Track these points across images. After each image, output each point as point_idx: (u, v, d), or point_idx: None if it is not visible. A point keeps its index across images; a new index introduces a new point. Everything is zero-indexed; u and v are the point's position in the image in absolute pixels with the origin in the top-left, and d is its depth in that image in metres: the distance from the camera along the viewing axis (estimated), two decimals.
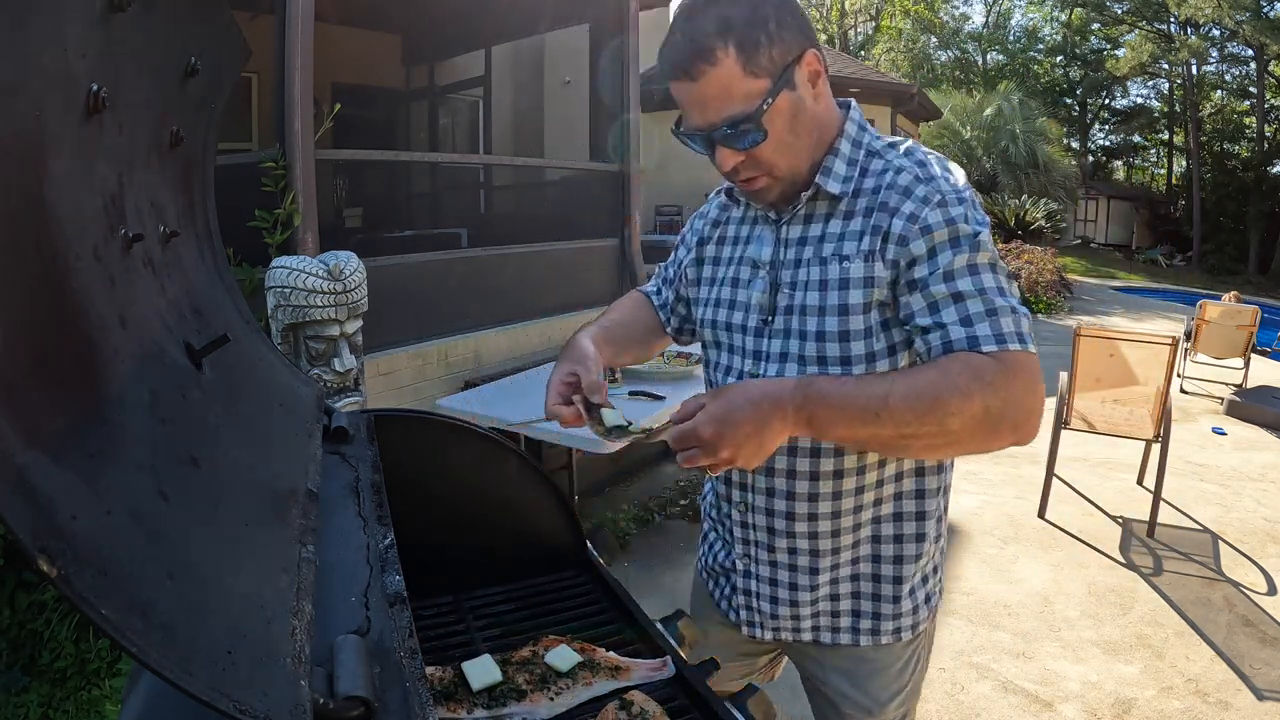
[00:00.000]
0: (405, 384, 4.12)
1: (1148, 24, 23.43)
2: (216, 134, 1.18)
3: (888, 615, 1.16)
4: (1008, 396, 0.92)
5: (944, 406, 0.90)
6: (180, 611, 0.46)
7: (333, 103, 3.81)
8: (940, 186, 1.02)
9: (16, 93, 0.48)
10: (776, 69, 0.99)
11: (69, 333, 0.53)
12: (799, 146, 1.05)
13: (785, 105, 1.00)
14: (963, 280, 0.97)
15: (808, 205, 1.10)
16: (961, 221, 0.99)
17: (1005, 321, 0.95)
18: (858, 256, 1.04)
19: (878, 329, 1.04)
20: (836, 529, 1.13)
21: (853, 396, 0.94)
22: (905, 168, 1.05)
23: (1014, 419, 0.92)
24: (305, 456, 0.93)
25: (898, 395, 0.92)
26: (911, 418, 0.91)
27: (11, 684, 2.37)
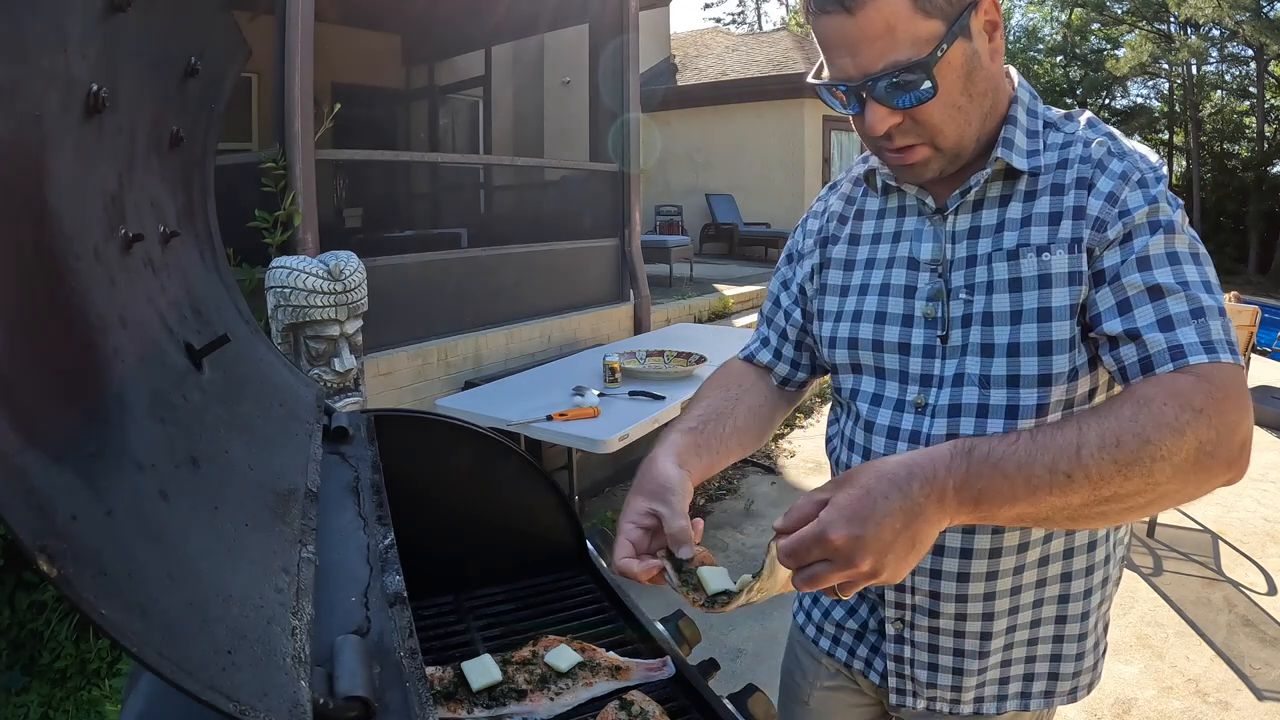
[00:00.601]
0: (405, 384, 4.12)
1: (1148, 24, 23.43)
2: (216, 134, 1.18)
3: (1067, 675, 0.99)
4: (1223, 425, 0.72)
5: (1152, 451, 0.70)
6: (180, 611, 0.46)
7: (333, 103, 3.81)
8: (1138, 163, 0.84)
9: (16, 93, 0.48)
10: (953, 10, 0.79)
11: (69, 333, 0.53)
12: (971, 111, 0.85)
13: (959, 57, 0.81)
14: (1161, 270, 0.79)
15: (983, 188, 0.89)
16: (1164, 202, 0.82)
17: (1215, 326, 0.77)
18: (1059, 246, 0.84)
19: (1079, 337, 0.85)
20: (1017, 585, 0.94)
21: (1031, 456, 0.71)
22: (1094, 139, 0.87)
23: (1228, 454, 0.73)
24: (305, 456, 0.93)
25: (1091, 445, 0.70)
26: (1113, 472, 0.69)
27: (11, 684, 2.37)
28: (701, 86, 11.93)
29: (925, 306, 0.92)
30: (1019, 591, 0.94)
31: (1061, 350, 0.84)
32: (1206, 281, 0.80)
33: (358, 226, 5.22)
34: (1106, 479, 0.70)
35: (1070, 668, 0.98)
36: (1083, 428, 0.71)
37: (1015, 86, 0.92)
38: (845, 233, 1.04)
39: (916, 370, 0.93)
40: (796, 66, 11.35)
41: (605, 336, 5.55)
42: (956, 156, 0.88)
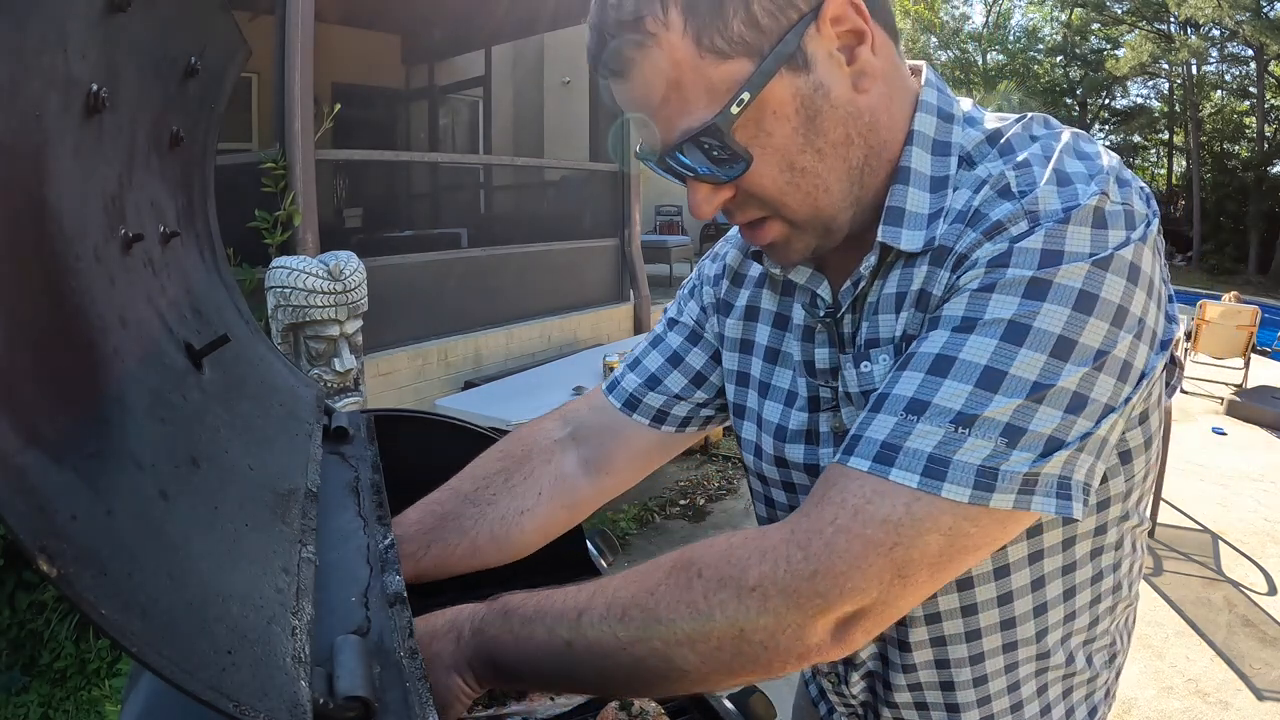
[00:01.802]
0: (405, 384, 4.12)
1: (1148, 24, 23.43)
2: (217, 134, 1.18)
3: None
4: (775, 617, 0.53)
5: (663, 630, 0.55)
6: (180, 611, 0.46)
7: (333, 103, 3.81)
8: (1037, 202, 0.54)
9: (16, 93, 0.48)
10: (765, 39, 0.56)
11: (69, 333, 0.53)
12: (824, 170, 0.60)
13: (786, 98, 0.57)
14: (951, 340, 0.54)
15: (875, 276, 0.64)
16: (1025, 265, 0.53)
17: (933, 430, 0.53)
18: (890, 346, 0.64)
19: None
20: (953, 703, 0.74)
21: (540, 614, 0.61)
22: (991, 176, 0.59)
23: (795, 650, 0.54)
24: (305, 456, 0.93)
25: (597, 613, 0.58)
26: (614, 646, 0.57)
27: (11, 684, 2.37)
28: None
29: (833, 419, 0.70)
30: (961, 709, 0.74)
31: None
32: (1025, 368, 0.52)
33: (358, 226, 5.23)
34: (610, 654, 0.56)
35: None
36: (597, 592, 0.59)
37: (917, 108, 0.63)
38: (742, 301, 0.79)
39: (805, 483, 0.73)
40: None
41: (605, 336, 5.55)
42: (827, 231, 0.63)
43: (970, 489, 0.51)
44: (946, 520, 0.52)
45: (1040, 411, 0.52)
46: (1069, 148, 0.58)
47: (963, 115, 0.64)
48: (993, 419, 0.52)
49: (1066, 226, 0.53)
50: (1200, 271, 21.47)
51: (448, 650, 0.64)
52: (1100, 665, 0.77)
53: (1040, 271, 0.52)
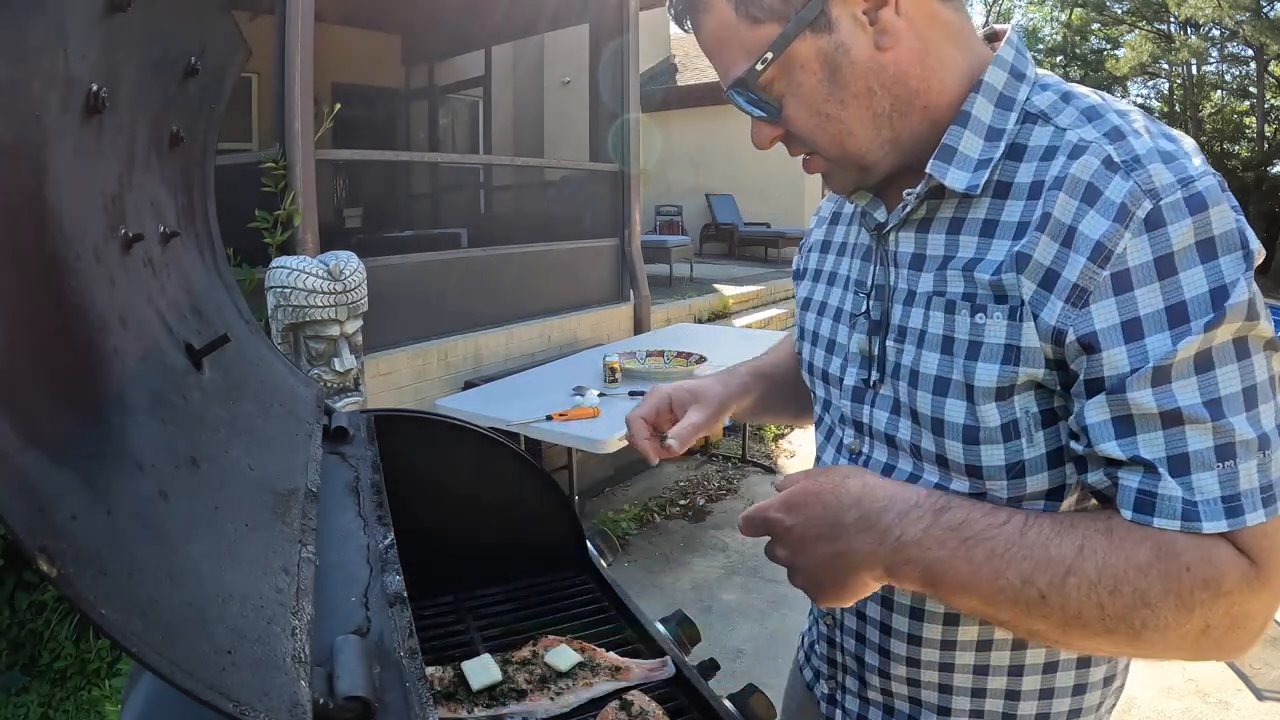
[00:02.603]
0: (405, 384, 4.13)
1: (1148, 24, 23.44)
2: (217, 134, 1.18)
3: None
4: (1243, 614, 0.57)
5: (1150, 614, 0.57)
6: (180, 611, 0.46)
7: (333, 103, 3.81)
8: (1154, 179, 0.58)
9: (16, 93, 0.48)
10: (791, 5, 0.66)
11: (69, 333, 0.53)
12: (849, 118, 0.69)
13: (810, 57, 0.67)
14: (1184, 387, 0.57)
15: (923, 206, 0.72)
16: (1193, 266, 0.57)
17: (1247, 470, 0.57)
18: (1000, 307, 0.64)
19: (1031, 425, 0.65)
20: (947, 684, 0.77)
21: (1008, 555, 0.59)
22: (1089, 143, 0.62)
23: (1237, 641, 0.59)
24: (305, 456, 0.93)
25: (1086, 576, 0.58)
26: (1094, 614, 0.58)
27: (11, 684, 2.37)
28: (701, 87, 11.93)
29: (860, 340, 0.78)
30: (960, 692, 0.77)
31: (992, 440, 0.66)
32: (1251, 389, 0.57)
33: (358, 226, 5.23)
34: (1083, 616, 0.58)
35: None
36: (1084, 550, 0.58)
37: (991, 65, 0.68)
38: (820, 239, 0.92)
39: (848, 413, 0.80)
40: None
41: (605, 336, 5.55)
42: (862, 168, 0.72)
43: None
44: None
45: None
46: (1150, 125, 0.63)
47: (1036, 77, 0.69)
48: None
49: (1207, 210, 0.57)
50: None
51: (863, 546, 0.63)
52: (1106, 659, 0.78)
53: (1233, 274, 0.57)
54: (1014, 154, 0.67)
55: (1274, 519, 0.58)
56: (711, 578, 3.40)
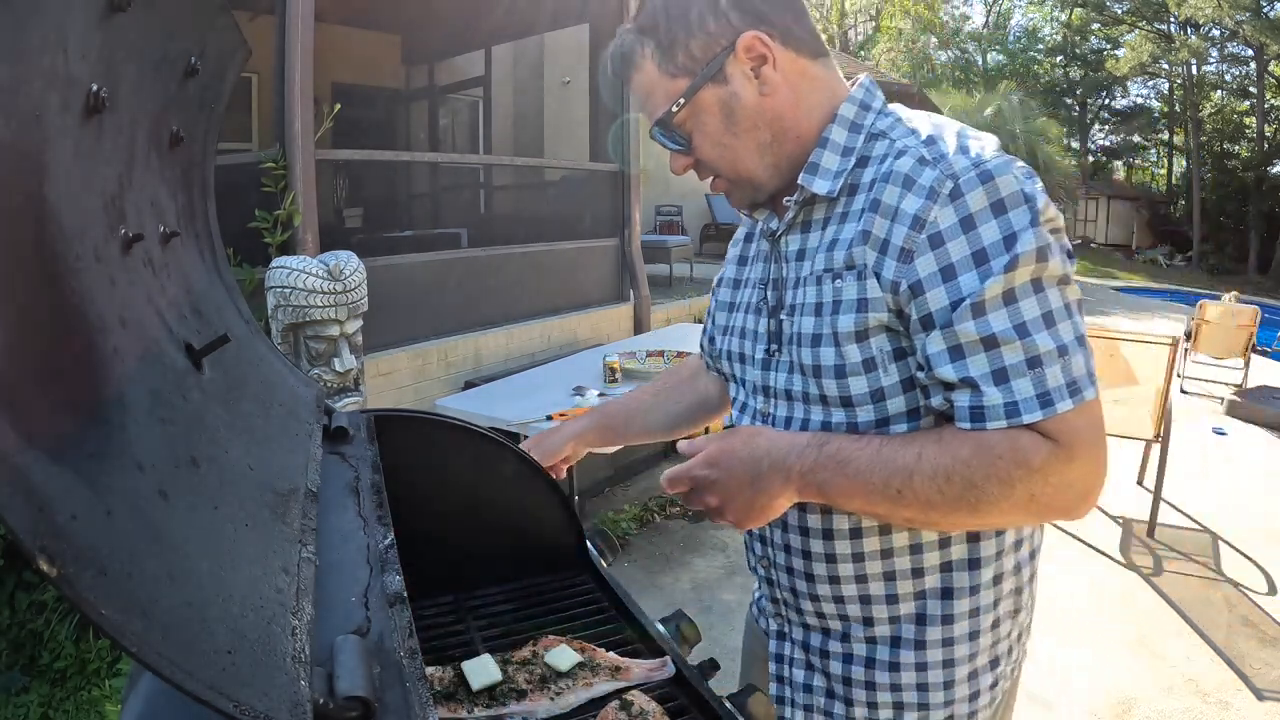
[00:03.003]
0: (405, 384, 4.13)
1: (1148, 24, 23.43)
2: (217, 134, 1.18)
3: (937, 705, 0.96)
4: (1060, 481, 0.76)
5: (978, 493, 0.76)
6: (180, 611, 0.46)
7: (333, 103, 3.81)
8: (953, 166, 0.79)
9: (16, 93, 0.48)
10: (698, 64, 0.88)
11: (69, 333, 0.53)
12: (740, 147, 0.91)
13: (712, 102, 0.89)
14: (997, 316, 0.76)
15: (801, 211, 0.93)
16: (987, 222, 0.77)
17: (1052, 372, 0.76)
18: (850, 273, 0.85)
19: (885, 360, 0.85)
20: (865, 594, 0.95)
21: (872, 466, 0.80)
22: (909, 148, 0.84)
23: (1065, 504, 0.78)
24: (305, 456, 0.93)
25: (924, 473, 0.78)
26: (938, 500, 0.78)
27: (11, 684, 2.37)
28: None
29: (764, 323, 1.00)
30: (877, 600, 0.95)
31: (857, 373, 0.86)
32: (1048, 313, 0.77)
33: (358, 226, 5.23)
34: (933, 504, 0.78)
35: (940, 697, 0.95)
36: (921, 454, 0.79)
37: (844, 102, 0.91)
38: (739, 254, 1.13)
39: (760, 381, 1.00)
40: None
41: (605, 336, 5.55)
42: (754, 185, 0.95)
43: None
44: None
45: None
46: (960, 132, 0.84)
47: (881, 108, 0.92)
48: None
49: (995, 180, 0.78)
50: (1200, 271, 21.46)
51: (776, 482, 0.84)
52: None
53: (1016, 228, 0.77)
54: (861, 163, 0.89)
55: (1079, 405, 0.76)
56: (711, 578, 3.40)
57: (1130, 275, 19.69)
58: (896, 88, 12.74)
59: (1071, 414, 0.76)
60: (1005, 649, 0.98)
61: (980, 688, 0.97)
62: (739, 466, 0.85)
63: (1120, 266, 21.08)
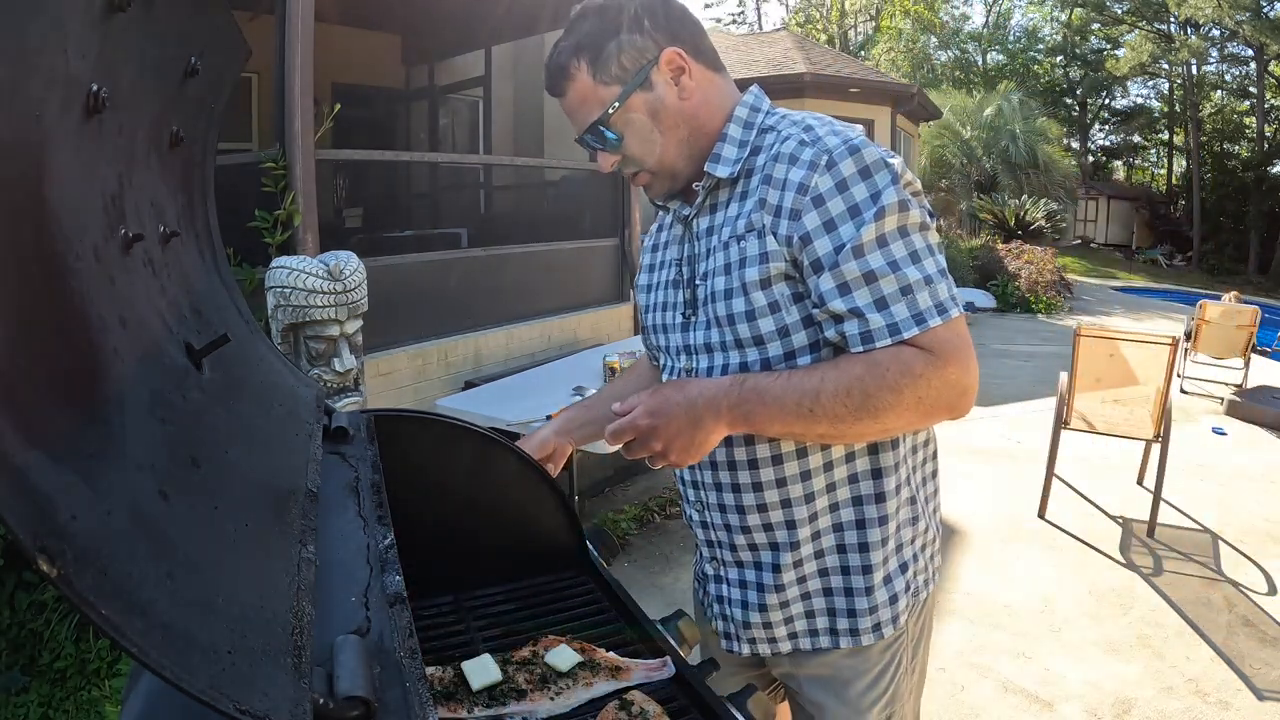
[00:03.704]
0: (405, 384, 4.12)
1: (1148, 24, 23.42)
2: (216, 134, 1.18)
3: (863, 610, 1.10)
4: (940, 383, 0.93)
5: (874, 401, 0.93)
6: (180, 612, 0.46)
7: (333, 103, 3.81)
8: (826, 144, 0.98)
9: (16, 93, 0.48)
10: (628, 74, 1.05)
11: (69, 333, 0.53)
12: (666, 142, 1.08)
13: (640, 105, 1.06)
14: (873, 256, 0.95)
15: (709, 195, 1.10)
16: (857, 184, 0.96)
17: (922, 297, 0.94)
18: (751, 234, 1.03)
19: (786, 302, 1.02)
20: (790, 519, 1.09)
21: (785, 393, 0.96)
22: (791, 135, 1.02)
23: (948, 401, 0.95)
24: (305, 456, 0.93)
25: (828, 392, 0.94)
26: (844, 413, 0.94)
27: (11, 684, 2.37)
28: None
29: (684, 294, 1.15)
30: (801, 523, 1.09)
31: (764, 315, 1.03)
32: (911, 254, 0.95)
33: (358, 226, 5.22)
34: (839, 417, 0.94)
35: (863, 603, 1.10)
36: (824, 377, 0.95)
37: (737, 105, 1.10)
38: (654, 242, 1.28)
39: (680, 343, 1.16)
40: (796, 67, 11.33)
41: (605, 336, 5.55)
42: (673, 175, 1.11)
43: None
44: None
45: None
46: (829, 121, 1.04)
47: (768, 109, 1.11)
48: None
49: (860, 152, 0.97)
50: (1200, 271, 21.46)
51: (709, 419, 0.99)
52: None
53: (881, 181, 0.97)
54: (754, 152, 1.07)
55: (946, 322, 0.94)
56: None
57: (1130, 275, 19.68)
58: (896, 88, 12.72)
59: (941, 328, 0.94)
60: (911, 555, 1.13)
61: (896, 590, 1.11)
62: (677, 410, 0.99)
63: (1120, 266, 21.07)
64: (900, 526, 1.11)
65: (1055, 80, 26.67)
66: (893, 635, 1.12)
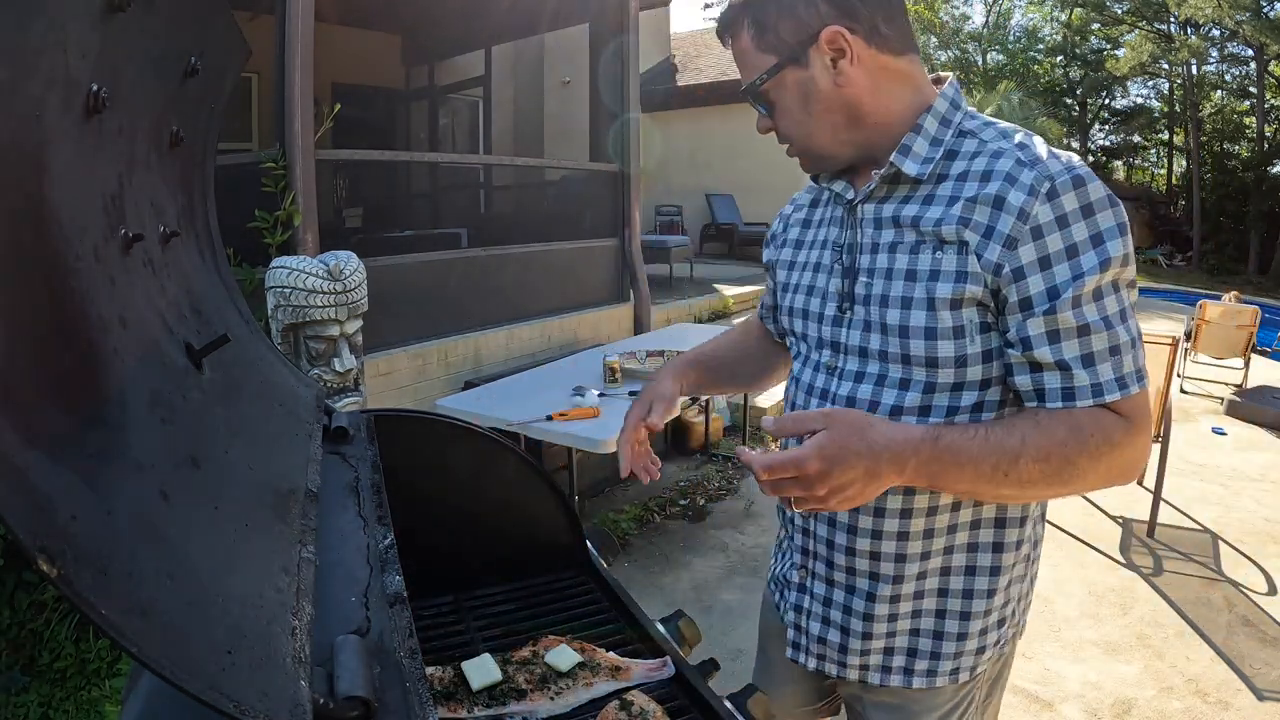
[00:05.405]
0: (405, 384, 4.13)
1: (1148, 24, 23.42)
2: (216, 134, 1.18)
3: (948, 655, 1.04)
4: (1133, 453, 0.89)
5: (1073, 469, 0.87)
6: (180, 611, 0.46)
7: (333, 103, 3.81)
8: (1049, 169, 0.88)
9: (16, 93, 0.48)
10: (785, 46, 0.96)
11: (69, 333, 0.53)
12: (814, 126, 0.99)
13: (791, 83, 0.97)
14: (1090, 308, 0.88)
15: (885, 186, 1.00)
16: (1078, 221, 0.87)
17: (1128, 360, 0.88)
18: (950, 247, 0.93)
19: (973, 330, 0.93)
20: (902, 553, 1.02)
21: (983, 455, 0.87)
22: (1005, 151, 0.93)
23: (1130, 472, 0.91)
24: (305, 456, 0.93)
25: (1029, 456, 0.86)
26: (1038, 478, 0.87)
27: (11, 684, 2.37)
28: (701, 86, 11.93)
29: (835, 282, 1.06)
30: (911, 559, 1.02)
31: (946, 337, 0.94)
32: (1123, 311, 0.89)
33: (358, 226, 5.23)
34: (1032, 483, 0.88)
35: (951, 648, 1.04)
36: (1025, 439, 0.87)
37: (938, 97, 1.00)
38: (804, 218, 1.19)
39: (829, 337, 1.07)
40: None
41: (605, 336, 5.55)
42: (820, 159, 1.04)
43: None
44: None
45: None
46: (1043, 142, 0.94)
47: (967, 109, 1.01)
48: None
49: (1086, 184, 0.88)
50: (1200, 271, 21.45)
51: (891, 476, 0.87)
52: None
53: (1104, 227, 0.89)
54: (949, 155, 0.97)
55: (1143, 390, 0.89)
56: (711, 578, 3.40)
57: None
58: None
59: (1138, 395, 0.89)
60: (1011, 611, 1.07)
61: (987, 643, 1.06)
62: (855, 460, 0.84)
63: None
64: (1013, 581, 1.05)
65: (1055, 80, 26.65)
66: (969, 678, 1.07)
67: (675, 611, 1.16)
